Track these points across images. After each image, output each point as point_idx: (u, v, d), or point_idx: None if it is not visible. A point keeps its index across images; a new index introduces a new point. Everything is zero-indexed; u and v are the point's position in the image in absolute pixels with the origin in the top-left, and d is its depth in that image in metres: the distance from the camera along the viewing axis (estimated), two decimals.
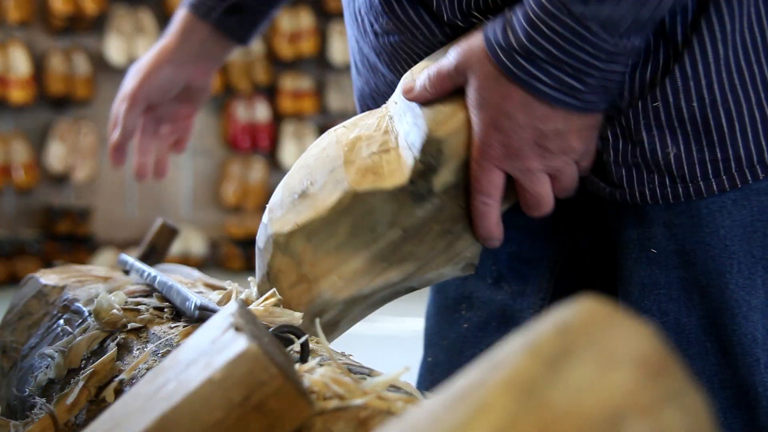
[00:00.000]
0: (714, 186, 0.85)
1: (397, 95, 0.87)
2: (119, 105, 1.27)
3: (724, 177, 0.85)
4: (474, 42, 0.82)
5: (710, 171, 0.85)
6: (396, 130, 0.85)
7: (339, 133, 0.88)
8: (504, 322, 1.02)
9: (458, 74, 0.82)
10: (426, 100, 0.84)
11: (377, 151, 0.84)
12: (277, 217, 0.85)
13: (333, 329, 0.87)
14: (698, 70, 0.83)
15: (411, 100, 0.84)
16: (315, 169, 0.86)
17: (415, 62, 0.89)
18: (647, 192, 0.86)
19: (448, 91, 0.83)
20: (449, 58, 0.83)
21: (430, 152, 0.82)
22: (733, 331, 0.86)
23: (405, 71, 0.89)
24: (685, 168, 0.85)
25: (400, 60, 0.92)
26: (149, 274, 0.91)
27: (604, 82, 0.79)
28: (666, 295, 0.88)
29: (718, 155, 0.84)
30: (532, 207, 0.85)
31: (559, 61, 0.77)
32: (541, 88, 0.78)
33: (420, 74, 0.85)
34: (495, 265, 1.02)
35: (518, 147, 0.81)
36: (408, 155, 0.83)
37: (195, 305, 0.74)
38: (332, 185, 0.83)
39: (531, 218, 0.89)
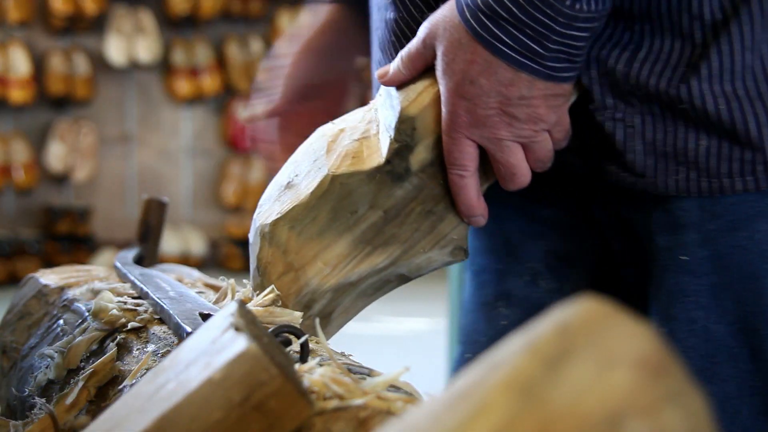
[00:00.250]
0: (744, 184, 0.84)
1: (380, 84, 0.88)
2: (275, 78, 1.21)
3: (756, 176, 0.84)
4: (440, 12, 0.82)
5: (741, 169, 0.84)
6: (378, 118, 0.86)
7: (327, 128, 0.89)
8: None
9: (426, 48, 0.82)
10: (401, 81, 0.84)
11: (358, 138, 0.85)
12: (264, 210, 0.87)
13: (326, 322, 0.87)
14: (728, 64, 0.83)
15: (386, 84, 0.85)
16: (300, 162, 0.88)
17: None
18: (675, 183, 0.85)
19: (420, 69, 0.84)
20: (418, 34, 0.84)
21: (404, 130, 0.83)
22: (766, 337, 0.86)
23: None
24: (716, 162, 0.84)
25: (404, 42, 0.91)
26: (142, 289, 0.90)
27: (564, 48, 0.79)
28: (694, 303, 0.87)
29: (750, 154, 0.83)
30: (507, 179, 0.84)
31: (521, 22, 0.77)
32: (504, 50, 0.78)
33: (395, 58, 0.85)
34: (531, 263, 1.02)
35: (484, 115, 0.80)
36: (385, 137, 0.83)
37: (187, 333, 0.73)
38: (314, 173, 0.85)
39: (565, 215, 0.88)
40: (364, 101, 0.93)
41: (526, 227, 1.02)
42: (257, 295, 0.83)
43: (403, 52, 0.84)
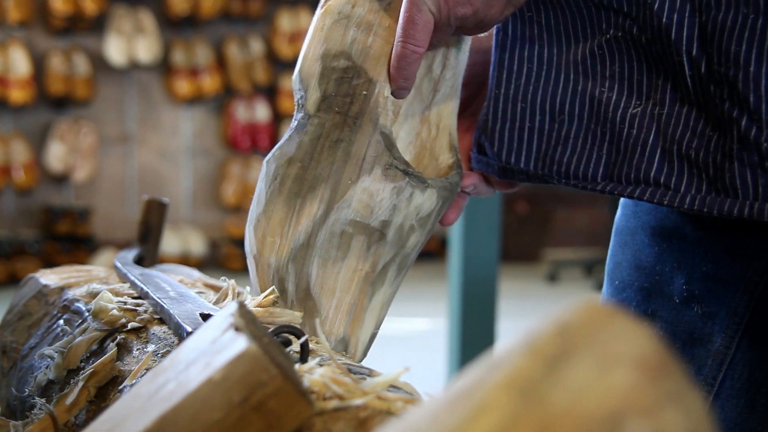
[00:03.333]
0: None
1: None
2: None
3: None
4: None
5: None
6: None
7: None
8: (690, 344, 0.96)
9: None
10: None
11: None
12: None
13: (306, 299, 0.86)
14: None
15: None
16: None
17: None
18: None
19: None
20: None
21: (297, 90, 0.86)
22: None
23: None
24: None
25: None
26: (142, 289, 0.90)
27: None
28: None
29: None
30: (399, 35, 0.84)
31: None
32: None
33: None
34: (687, 285, 0.96)
35: None
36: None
37: (187, 333, 0.73)
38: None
39: (730, 237, 0.86)
40: None
41: (684, 245, 0.97)
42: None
43: None
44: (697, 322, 0.96)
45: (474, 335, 2.92)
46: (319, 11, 0.87)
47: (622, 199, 1.05)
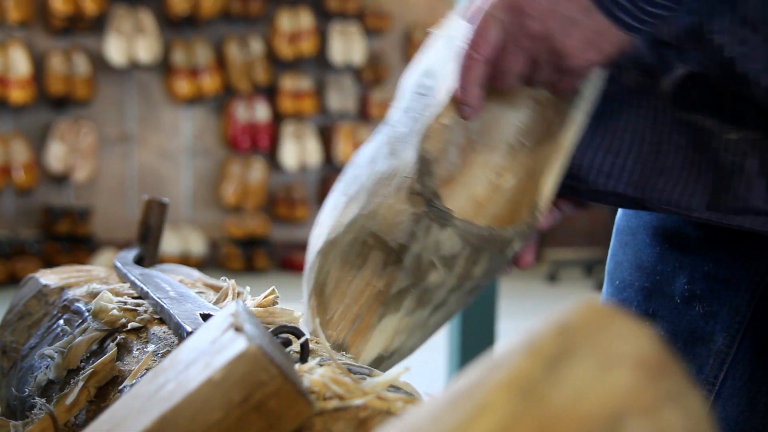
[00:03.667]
0: None
1: None
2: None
3: None
4: None
5: None
6: None
7: None
8: (691, 343, 0.96)
9: None
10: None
11: None
12: None
13: (320, 294, 0.87)
14: None
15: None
16: None
17: None
18: None
19: None
20: None
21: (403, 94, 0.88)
22: None
23: None
24: None
25: None
26: (142, 289, 0.90)
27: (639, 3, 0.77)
28: None
29: None
30: (498, 75, 0.83)
31: None
32: None
33: None
34: (689, 284, 0.96)
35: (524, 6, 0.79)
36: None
37: (187, 333, 0.73)
38: None
39: (732, 237, 0.85)
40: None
41: (686, 245, 0.97)
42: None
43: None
44: (699, 321, 0.96)
45: (474, 335, 2.92)
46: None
47: None
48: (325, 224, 0.87)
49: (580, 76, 0.83)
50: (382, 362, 0.87)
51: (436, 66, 0.87)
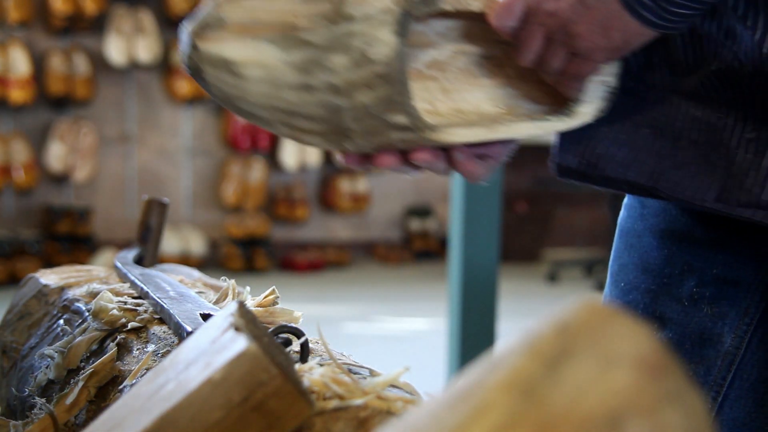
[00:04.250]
0: None
1: None
2: None
3: None
4: None
5: None
6: None
7: None
8: (700, 344, 0.97)
9: None
10: None
11: None
12: None
13: None
14: None
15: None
16: None
17: None
18: None
19: None
20: None
21: None
22: None
23: None
24: None
25: None
26: (142, 289, 0.90)
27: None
28: None
29: None
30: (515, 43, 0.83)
31: None
32: None
33: None
34: (698, 287, 0.97)
35: None
36: None
37: (187, 333, 0.73)
38: None
39: (741, 238, 0.86)
40: None
41: (695, 247, 0.97)
42: None
43: None
44: (707, 322, 0.96)
45: (474, 335, 2.92)
46: None
47: (626, 201, 1.05)
48: None
49: (592, 63, 0.84)
50: (225, 64, 0.80)
51: None
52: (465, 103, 0.91)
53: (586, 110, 0.88)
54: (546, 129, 0.88)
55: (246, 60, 0.78)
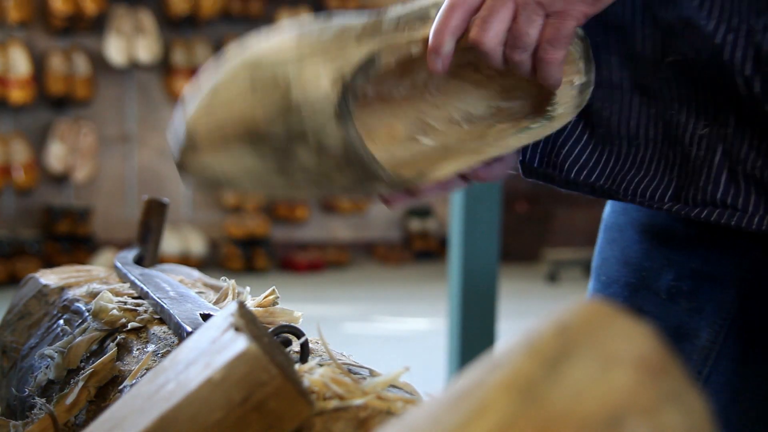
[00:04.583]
0: None
1: None
2: None
3: None
4: None
5: None
6: None
7: None
8: (676, 339, 0.97)
9: None
10: None
11: None
12: None
13: None
14: None
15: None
16: None
17: None
18: None
19: None
20: None
21: None
22: None
23: None
24: None
25: None
26: (142, 289, 0.90)
27: None
28: None
29: None
30: (479, 22, 0.81)
31: None
32: None
33: None
34: (676, 281, 0.97)
35: None
36: None
37: (187, 333, 0.73)
38: None
39: (720, 233, 0.86)
40: None
41: (674, 242, 0.98)
42: None
43: None
44: (684, 317, 0.97)
45: (474, 335, 2.92)
46: None
47: None
48: (264, 42, 0.84)
49: (571, 19, 0.81)
50: (217, 180, 0.85)
51: None
52: (448, 125, 0.91)
53: (565, 111, 0.87)
54: (531, 137, 0.87)
55: (228, 171, 0.83)
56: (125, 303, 0.86)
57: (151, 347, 0.78)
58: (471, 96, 0.90)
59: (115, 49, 6.64)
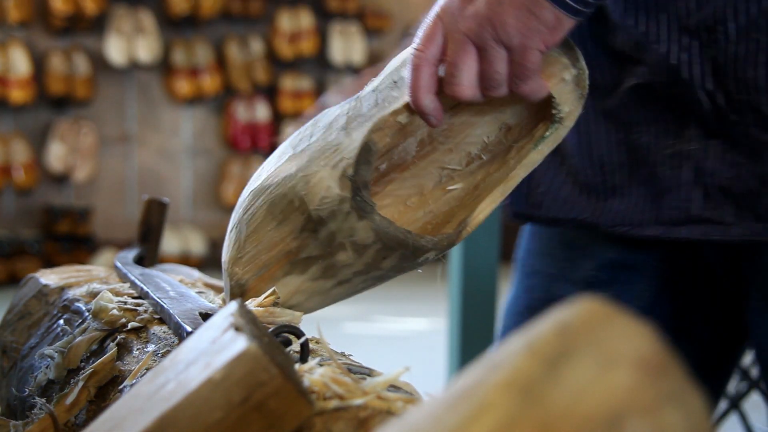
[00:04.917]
0: None
1: None
2: None
3: None
4: None
5: None
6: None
7: None
8: None
9: None
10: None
11: None
12: None
13: (240, 231, 0.88)
14: None
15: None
16: None
17: None
18: None
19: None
20: None
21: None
22: None
23: None
24: None
25: None
26: (142, 289, 0.90)
27: None
28: None
29: None
30: (449, 77, 0.81)
31: None
32: None
33: None
34: (594, 271, 1.00)
35: None
36: None
37: (187, 333, 0.73)
38: None
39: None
40: None
41: (593, 234, 0.99)
42: None
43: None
44: None
45: (474, 335, 2.92)
46: None
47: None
48: (266, 169, 0.88)
49: (532, 51, 0.80)
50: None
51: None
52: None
53: (571, 107, 0.87)
54: (550, 145, 0.87)
55: (285, 298, 0.85)
56: (125, 303, 0.86)
57: (151, 347, 0.78)
58: (477, 126, 0.91)
59: (115, 49, 6.64)
